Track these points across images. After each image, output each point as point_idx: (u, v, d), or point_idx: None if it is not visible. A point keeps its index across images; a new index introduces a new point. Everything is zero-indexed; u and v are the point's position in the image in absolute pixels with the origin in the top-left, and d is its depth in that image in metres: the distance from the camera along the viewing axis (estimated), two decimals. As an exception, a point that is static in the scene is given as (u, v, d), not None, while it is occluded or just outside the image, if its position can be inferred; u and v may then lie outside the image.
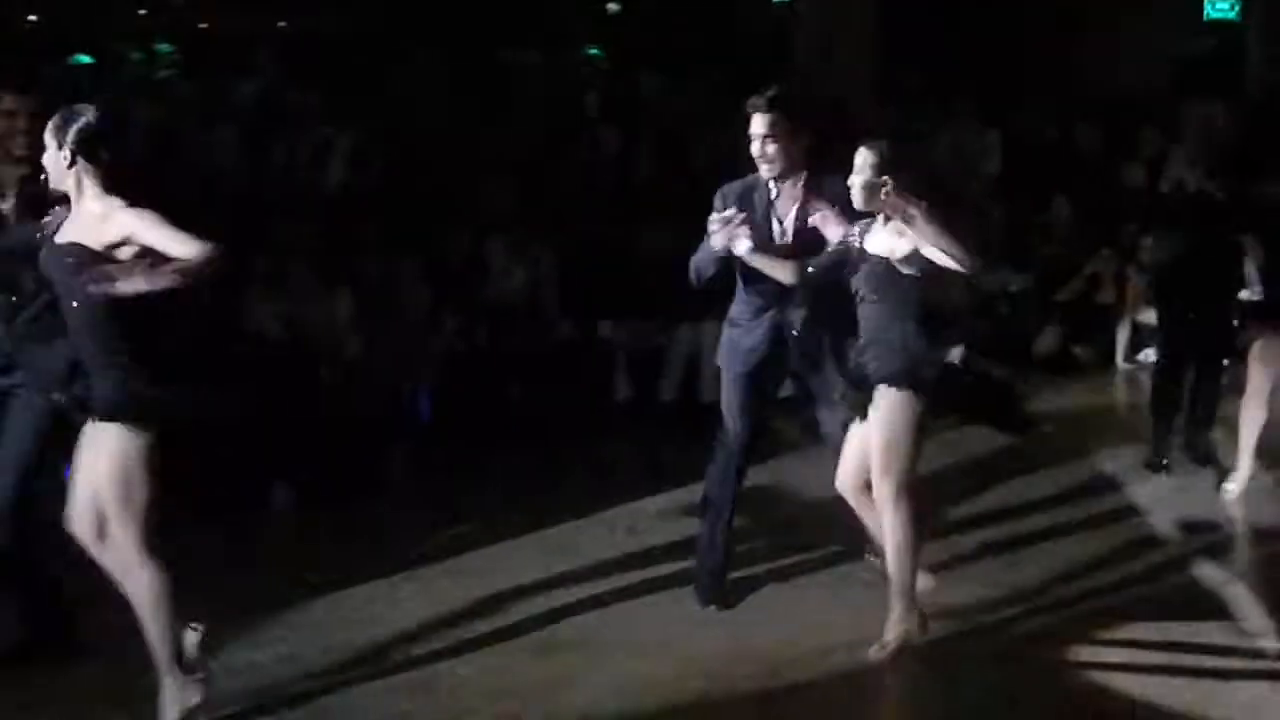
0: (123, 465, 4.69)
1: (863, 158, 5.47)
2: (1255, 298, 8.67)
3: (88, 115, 4.76)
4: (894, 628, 5.61)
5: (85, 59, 12.07)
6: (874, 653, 5.58)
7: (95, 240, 4.65)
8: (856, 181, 5.49)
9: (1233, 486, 7.66)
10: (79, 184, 4.74)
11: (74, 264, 4.64)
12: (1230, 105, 9.36)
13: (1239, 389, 7.93)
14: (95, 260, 4.62)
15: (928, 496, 5.90)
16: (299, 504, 7.51)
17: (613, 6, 16.01)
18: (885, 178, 5.44)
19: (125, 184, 4.80)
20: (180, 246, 4.58)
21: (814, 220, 5.84)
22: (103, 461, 4.70)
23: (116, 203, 4.70)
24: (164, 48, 13.57)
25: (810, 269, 5.77)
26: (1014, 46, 15.86)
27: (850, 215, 5.68)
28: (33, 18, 15.95)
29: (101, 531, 4.80)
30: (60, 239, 4.73)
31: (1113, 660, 5.67)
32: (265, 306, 8.18)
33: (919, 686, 5.56)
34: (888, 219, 5.52)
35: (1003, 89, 13.67)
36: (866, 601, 6.04)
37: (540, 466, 8.14)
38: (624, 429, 8.82)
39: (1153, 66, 15.42)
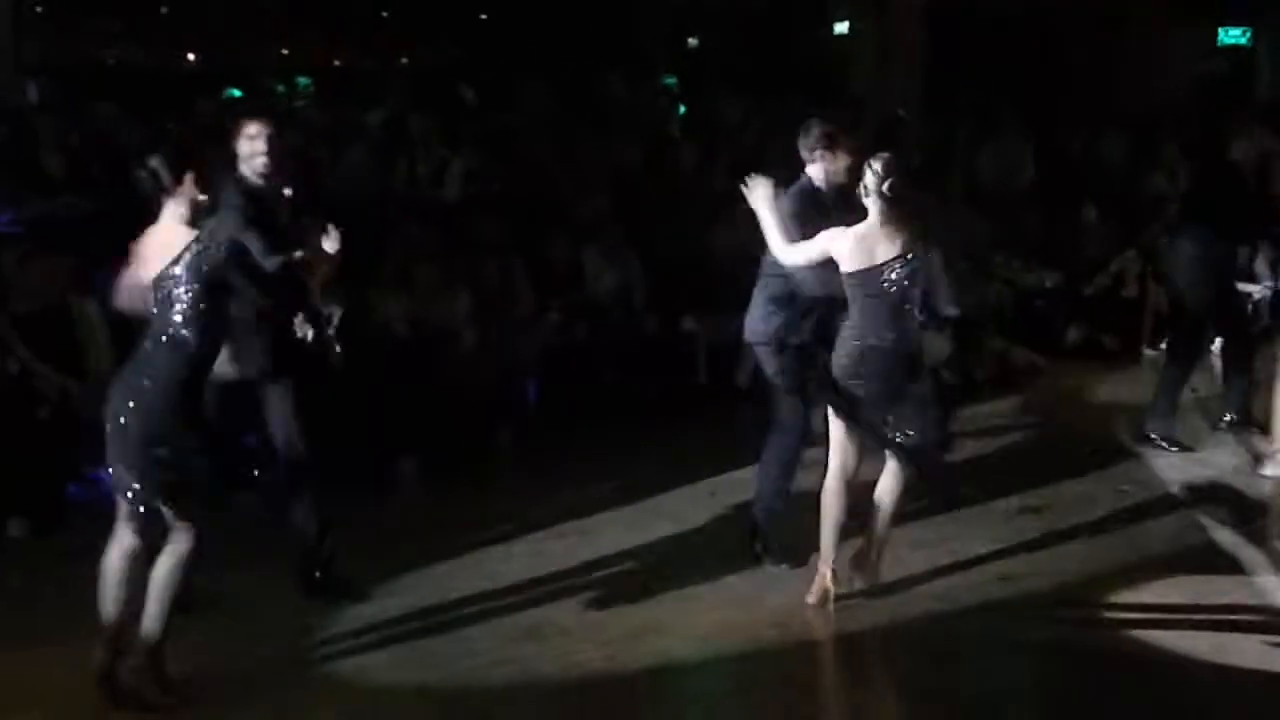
0: None
1: (869, 168, 5.51)
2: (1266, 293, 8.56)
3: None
4: (815, 584, 5.69)
5: (236, 93, 12.25)
6: (808, 599, 5.66)
7: None
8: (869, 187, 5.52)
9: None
10: None
11: None
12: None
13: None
14: None
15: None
16: (421, 475, 7.61)
17: (692, 40, 16.00)
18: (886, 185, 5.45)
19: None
20: None
21: None
22: None
23: None
24: (303, 81, 13.72)
25: None
26: (1049, 68, 15.71)
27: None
28: (191, 57, 16.24)
29: None
30: None
31: (1135, 614, 5.65)
32: (393, 305, 8.29)
33: (963, 634, 5.55)
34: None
35: (1039, 106, 13.53)
36: (918, 561, 6.07)
37: (632, 443, 8.16)
38: (704, 411, 8.83)
39: (1173, 86, 15.22)
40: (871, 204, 5.50)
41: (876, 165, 5.48)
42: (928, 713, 5.08)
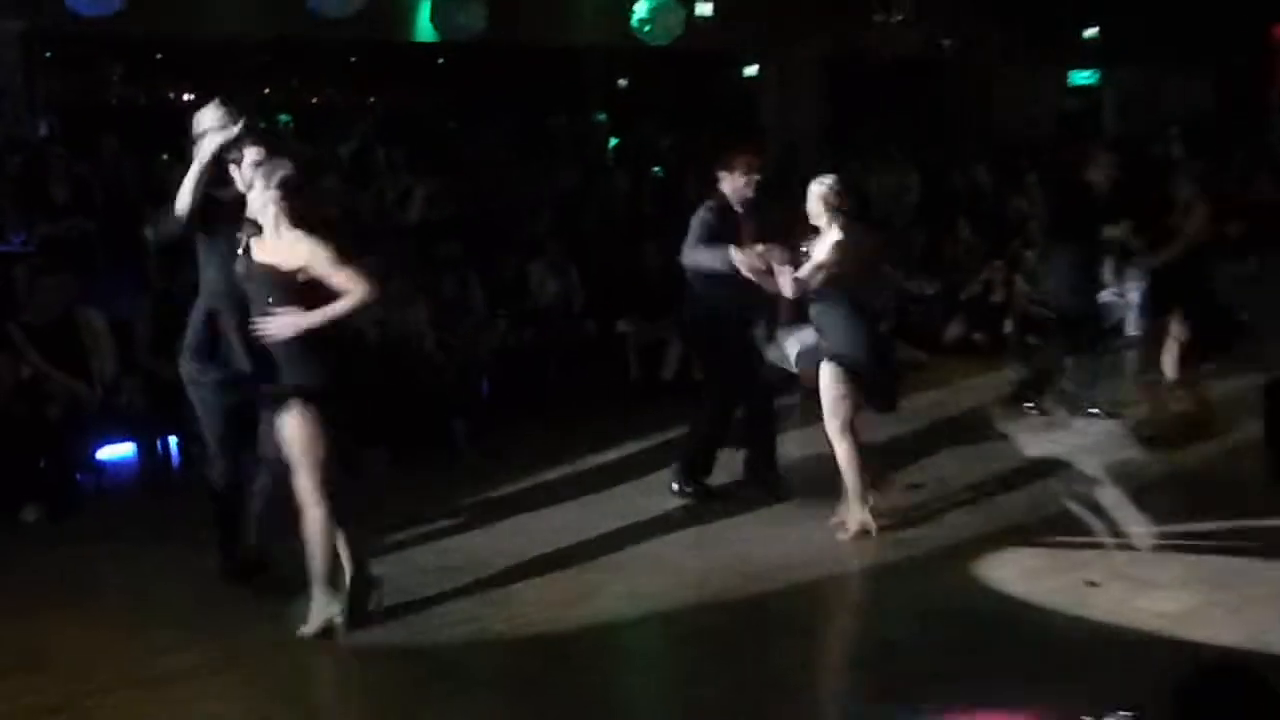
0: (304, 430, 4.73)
1: (813, 189, 5.78)
2: (1119, 299, 8.64)
3: (286, 168, 4.78)
4: (853, 520, 5.89)
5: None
6: (839, 535, 5.90)
7: (285, 264, 4.66)
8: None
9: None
10: (275, 218, 4.71)
11: (269, 282, 4.66)
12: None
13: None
14: (284, 279, 4.65)
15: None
16: (392, 462, 7.55)
17: (622, 81, 15.98)
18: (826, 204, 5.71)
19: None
20: (341, 279, 4.61)
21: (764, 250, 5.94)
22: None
23: (301, 234, 4.70)
24: (283, 118, 13.55)
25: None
26: (930, 106, 15.87)
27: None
28: (188, 96, 15.93)
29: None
30: (258, 259, 4.72)
31: (1005, 572, 5.67)
32: (364, 313, 8.19)
33: (860, 592, 5.58)
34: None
35: (922, 139, 13.65)
36: (819, 531, 6.10)
37: (572, 429, 8.14)
38: (635, 401, 8.84)
39: (1034, 121, 15.42)
40: (833, 219, 5.72)
41: (832, 186, 5.74)
42: (826, 660, 5.11)
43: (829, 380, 5.85)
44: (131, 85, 14.78)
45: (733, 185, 6.30)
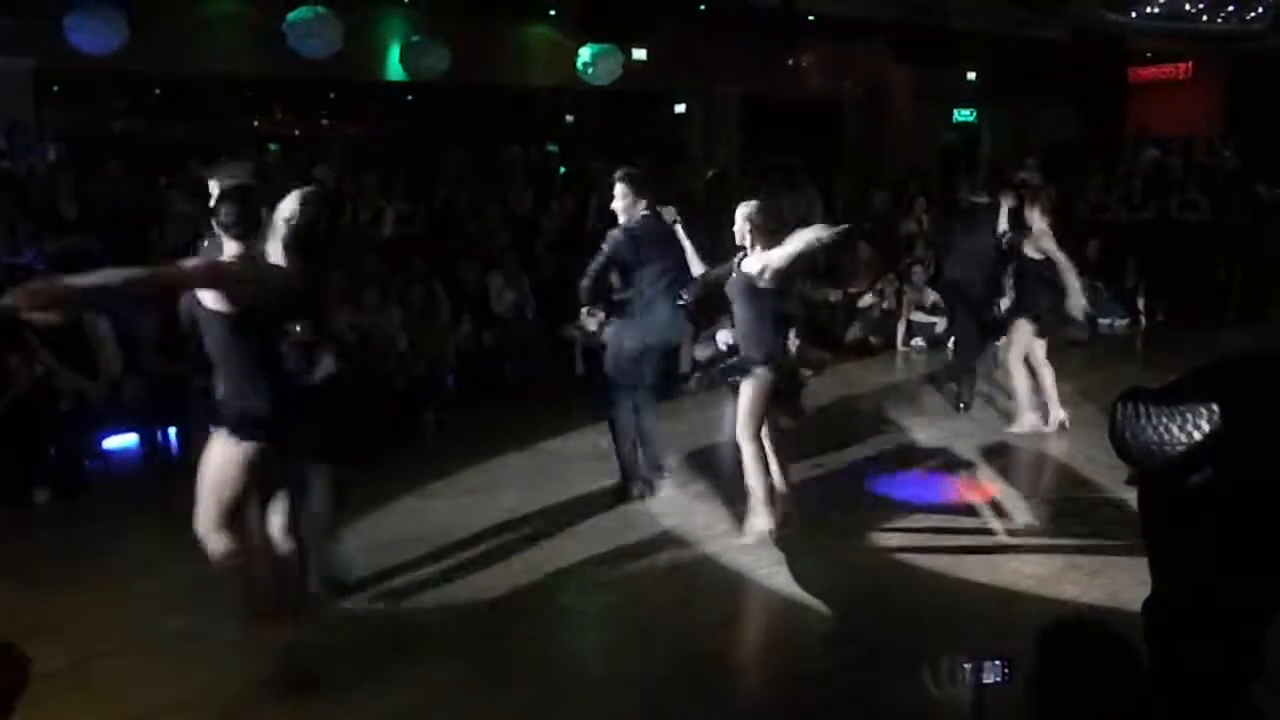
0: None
1: (740, 211, 5.62)
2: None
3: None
4: (752, 526, 5.67)
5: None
6: (743, 541, 5.64)
7: None
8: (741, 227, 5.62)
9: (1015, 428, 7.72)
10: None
11: None
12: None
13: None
14: None
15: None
16: (365, 446, 7.42)
17: (569, 117, 15.94)
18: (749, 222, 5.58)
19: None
20: None
21: None
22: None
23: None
24: (272, 147, 13.32)
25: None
26: (833, 138, 15.97)
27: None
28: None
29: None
30: None
31: (896, 538, 5.74)
32: (343, 316, 8.10)
33: (772, 553, 5.57)
34: (751, 249, 5.59)
35: (826, 167, 13.72)
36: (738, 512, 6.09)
37: (526, 418, 8.10)
38: (579, 393, 8.81)
39: (921, 152, 15.57)
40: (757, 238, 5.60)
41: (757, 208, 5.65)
42: (753, 611, 5.10)
43: (749, 389, 5.54)
44: (132, 117, 14.42)
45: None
